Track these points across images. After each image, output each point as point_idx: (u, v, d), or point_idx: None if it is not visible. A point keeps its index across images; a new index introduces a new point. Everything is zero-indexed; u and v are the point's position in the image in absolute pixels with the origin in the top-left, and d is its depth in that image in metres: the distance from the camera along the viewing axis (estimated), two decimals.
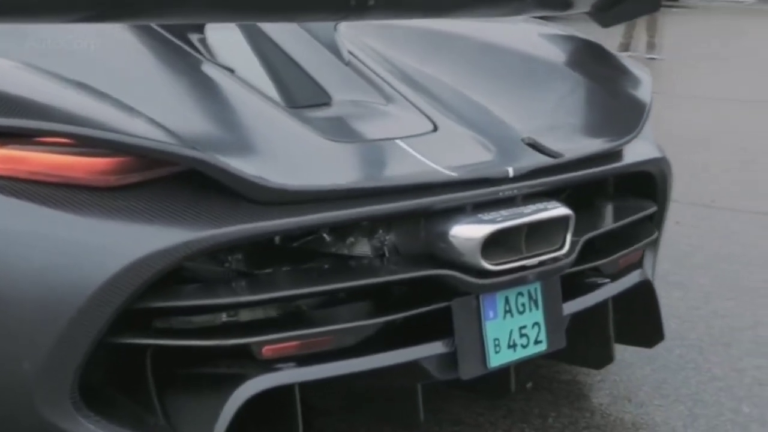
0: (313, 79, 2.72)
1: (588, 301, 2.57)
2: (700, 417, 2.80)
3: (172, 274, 2.04)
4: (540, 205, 2.34)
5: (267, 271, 2.18)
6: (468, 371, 2.29)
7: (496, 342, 2.33)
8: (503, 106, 2.76)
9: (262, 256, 2.23)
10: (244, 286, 2.10)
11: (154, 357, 2.12)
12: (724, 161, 6.11)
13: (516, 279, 2.30)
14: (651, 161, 2.76)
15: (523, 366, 2.90)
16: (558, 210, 2.34)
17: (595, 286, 2.61)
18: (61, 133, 1.99)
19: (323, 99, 2.68)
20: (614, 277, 2.68)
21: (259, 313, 2.15)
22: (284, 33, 2.82)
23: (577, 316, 2.57)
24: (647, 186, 2.83)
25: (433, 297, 2.26)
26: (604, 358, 2.76)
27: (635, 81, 2.88)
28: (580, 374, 3.02)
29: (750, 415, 2.82)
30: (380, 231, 2.32)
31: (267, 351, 2.08)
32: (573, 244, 2.39)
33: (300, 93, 2.65)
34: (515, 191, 2.32)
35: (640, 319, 2.83)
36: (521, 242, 2.30)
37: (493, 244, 2.23)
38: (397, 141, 2.47)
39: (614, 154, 2.64)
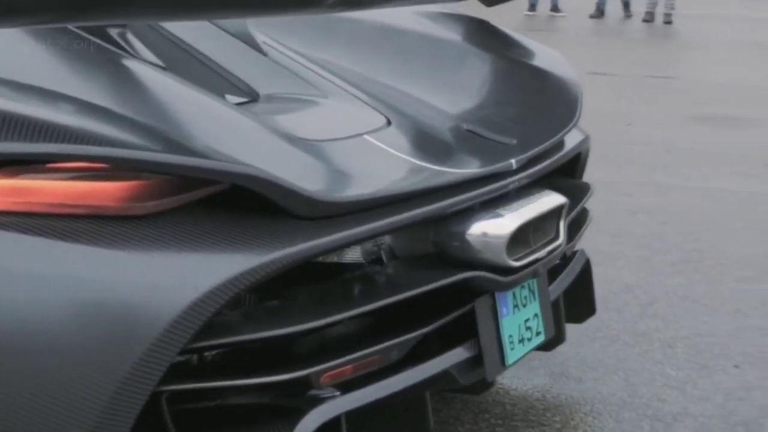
0: (234, 74, 2.51)
1: (563, 284, 2.57)
2: (638, 385, 2.89)
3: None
4: (540, 195, 2.30)
5: (288, 295, 1.99)
6: (492, 372, 2.22)
7: (511, 338, 2.27)
8: (431, 93, 2.69)
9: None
10: (291, 313, 1.90)
11: (171, 402, 1.88)
12: None
13: (530, 273, 2.25)
14: (585, 141, 2.79)
15: None
16: (557, 198, 2.32)
17: (561, 270, 2.61)
18: (92, 157, 1.70)
19: (251, 94, 2.48)
20: (569, 259, 2.69)
21: (301, 340, 1.96)
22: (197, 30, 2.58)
23: None
24: (574, 165, 2.86)
25: (451, 301, 2.16)
26: (556, 340, 2.77)
27: (557, 60, 2.89)
28: None
29: (678, 377, 2.95)
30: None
31: (325, 379, 1.90)
32: (564, 231, 2.37)
33: (226, 89, 2.43)
34: (518, 183, 2.26)
35: (577, 296, 2.87)
36: (529, 235, 2.25)
37: (511, 240, 2.17)
38: (366, 137, 2.33)
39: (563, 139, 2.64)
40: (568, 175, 2.85)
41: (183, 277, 1.71)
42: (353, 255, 2.21)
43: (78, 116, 1.76)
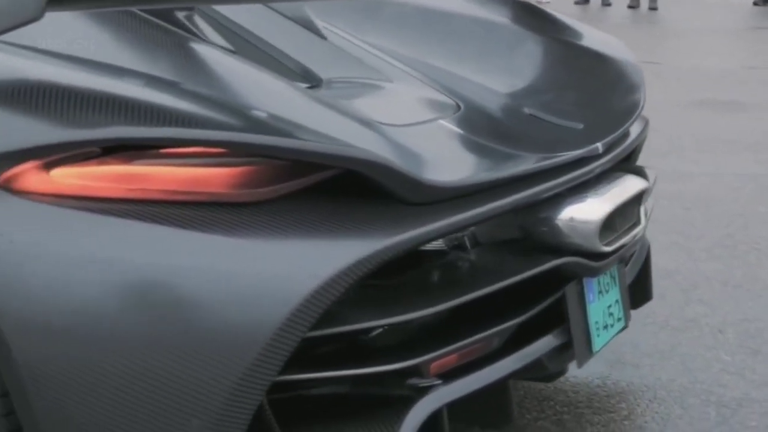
0: (294, 58, 2.45)
1: (635, 269, 2.55)
2: (696, 371, 2.88)
3: None
4: (623, 180, 2.27)
5: (390, 282, 1.94)
6: (581, 358, 2.20)
7: (597, 324, 2.24)
8: (489, 78, 2.65)
9: None
10: (402, 301, 1.86)
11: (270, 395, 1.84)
12: None
13: (617, 258, 2.22)
14: (647, 125, 2.76)
15: None
16: (640, 182, 2.29)
17: (632, 255, 2.59)
18: (212, 141, 1.65)
19: (315, 79, 2.43)
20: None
21: (408, 329, 1.92)
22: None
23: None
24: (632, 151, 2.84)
25: (546, 287, 2.14)
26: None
27: (614, 44, 2.87)
28: None
29: (734, 363, 2.94)
30: None
31: (434, 368, 1.86)
32: (644, 215, 2.35)
33: (291, 73, 2.38)
34: (603, 167, 2.23)
35: (638, 281, 2.85)
36: (616, 220, 2.22)
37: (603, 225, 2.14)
38: (441, 121, 2.29)
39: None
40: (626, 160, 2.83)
41: (302, 265, 1.66)
42: (436, 242, 2.18)
43: (189, 101, 1.71)
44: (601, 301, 2.28)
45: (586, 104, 2.62)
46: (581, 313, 2.20)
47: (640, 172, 2.72)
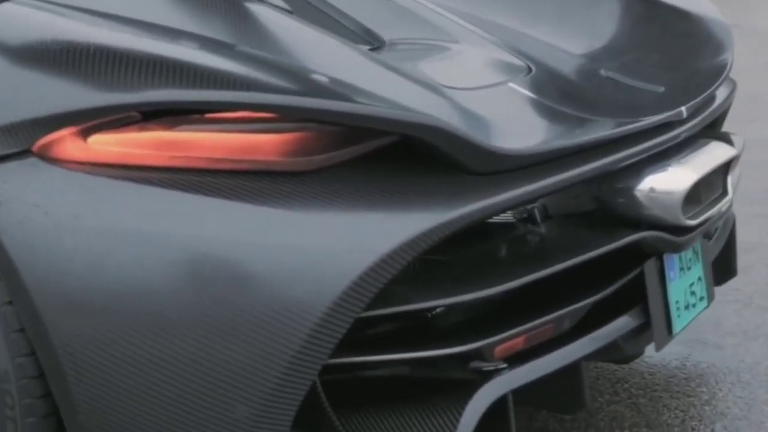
0: (354, 18, 2.31)
1: (720, 243, 2.37)
2: None
3: None
4: (710, 147, 2.10)
5: (457, 258, 1.81)
6: (660, 341, 2.03)
7: (677, 304, 2.08)
8: (562, 39, 2.48)
9: None
10: (465, 279, 1.72)
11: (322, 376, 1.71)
12: None
13: (702, 232, 2.05)
14: (735, 88, 2.57)
15: None
16: (729, 150, 2.12)
17: (717, 228, 2.41)
18: (262, 105, 1.52)
19: (376, 40, 2.28)
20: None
21: (470, 309, 1.78)
22: None
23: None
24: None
25: (623, 263, 1.98)
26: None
27: (700, 2, 2.67)
28: None
29: None
30: None
31: (499, 352, 1.72)
32: (731, 186, 2.18)
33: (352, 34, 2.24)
34: (688, 133, 2.06)
35: (722, 256, 2.67)
36: (700, 191, 2.05)
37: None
38: (510, 84, 2.13)
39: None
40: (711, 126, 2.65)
41: (357, 239, 1.53)
42: (504, 214, 2.03)
43: (237, 62, 1.59)
44: (683, 278, 2.11)
45: (669, 66, 2.43)
46: (661, 291, 2.03)
47: (726, 139, 2.55)
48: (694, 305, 2.15)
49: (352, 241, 1.53)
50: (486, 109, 1.95)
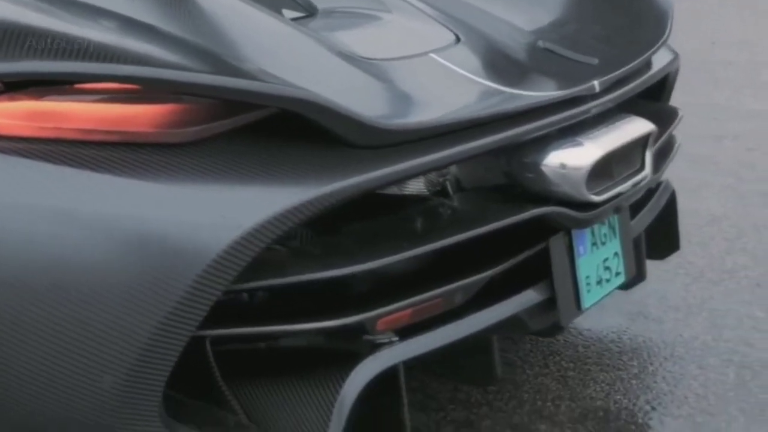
0: None
1: (646, 219, 2.36)
2: (723, 328, 2.67)
3: None
4: (624, 122, 2.07)
5: (346, 231, 1.81)
6: (566, 316, 2.03)
7: (588, 280, 2.07)
8: (509, 11, 2.46)
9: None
10: (342, 252, 1.72)
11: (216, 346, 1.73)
12: None
13: (612, 209, 2.04)
14: (674, 60, 2.54)
15: None
16: (644, 124, 2.09)
17: (645, 203, 2.39)
18: (123, 77, 1.52)
19: (307, 8, 2.27)
20: (651, 191, 2.47)
21: (356, 282, 1.78)
22: None
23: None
24: (661, 87, 2.62)
25: (524, 239, 1.97)
26: (637, 278, 2.57)
27: None
28: None
29: (767, 321, 2.74)
30: None
31: (381, 325, 1.73)
32: (650, 161, 2.15)
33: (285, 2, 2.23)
34: (601, 107, 2.04)
35: (660, 230, 2.65)
36: (612, 166, 2.03)
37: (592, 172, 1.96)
38: (432, 55, 2.11)
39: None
40: (653, 99, 2.62)
41: (225, 213, 1.53)
42: (415, 186, 2.03)
43: (109, 31, 1.59)
44: (596, 254, 2.10)
45: (607, 37, 2.41)
46: (569, 267, 2.02)
47: (666, 112, 2.53)
48: (608, 280, 2.14)
49: (219, 215, 1.53)
50: (399, 80, 1.94)
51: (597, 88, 2.02)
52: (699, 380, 2.43)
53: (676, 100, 2.66)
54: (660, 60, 2.45)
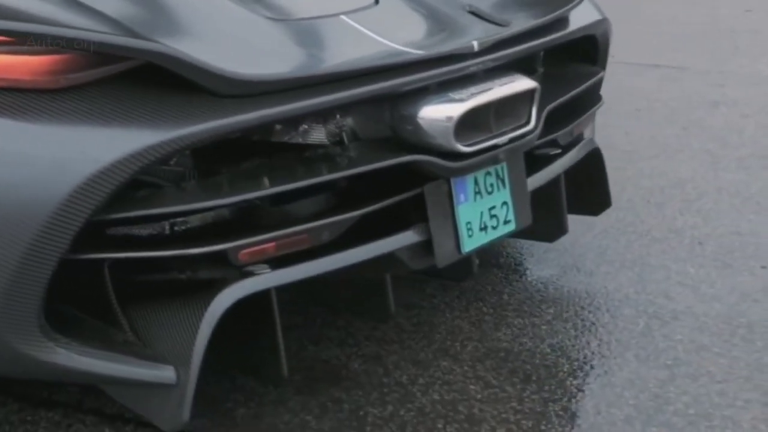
0: None
1: (549, 173, 2.51)
2: (649, 281, 2.81)
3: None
4: (506, 79, 2.23)
5: (227, 169, 2.02)
6: (443, 258, 2.21)
7: (469, 226, 2.24)
8: None
9: (216, 154, 2.07)
10: (209, 187, 1.94)
11: (113, 270, 1.97)
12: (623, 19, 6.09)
13: (488, 159, 2.20)
14: (596, 24, 2.67)
15: None
16: (525, 83, 2.24)
17: (553, 158, 2.54)
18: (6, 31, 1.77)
19: None
20: (567, 147, 2.62)
21: (229, 215, 2.00)
22: None
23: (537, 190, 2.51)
24: (590, 49, 2.75)
25: (404, 185, 2.15)
26: (557, 230, 2.72)
27: None
28: (525, 248, 2.99)
29: (697, 275, 2.84)
30: (337, 116, 2.17)
31: (244, 255, 1.94)
32: (537, 117, 2.31)
33: None
34: (481, 66, 2.20)
35: (588, 187, 2.80)
36: (490, 120, 2.19)
37: (464, 124, 2.12)
38: (342, 17, 2.29)
39: (563, 20, 2.54)
40: (586, 60, 2.75)
41: (85, 150, 1.76)
42: (317, 135, 2.22)
43: None
44: (480, 202, 2.26)
45: (534, 3, 2.57)
46: (448, 213, 2.20)
47: (584, 74, 2.67)
48: (494, 227, 2.30)
49: (80, 151, 1.76)
50: (293, 38, 2.14)
51: (476, 48, 2.18)
52: (608, 328, 2.57)
53: (691, 65, 2.76)
54: (579, 21, 2.59)
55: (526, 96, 2.25)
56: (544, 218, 2.67)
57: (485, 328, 2.59)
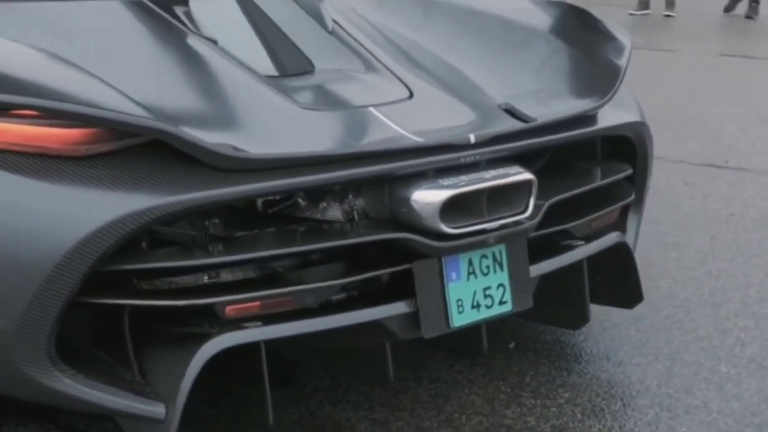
0: (297, 47, 2.81)
1: (556, 262, 2.64)
2: (676, 376, 2.86)
3: (143, 238, 2.19)
4: (502, 170, 2.41)
5: (238, 234, 2.29)
6: (430, 330, 2.38)
7: (459, 302, 2.41)
8: (482, 72, 2.84)
9: (238, 221, 2.35)
10: (212, 249, 2.22)
11: (133, 316, 2.25)
12: (741, 119, 6.08)
13: (476, 242, 2.38)
14: (626, 125, 2.81)
15: (507, 326, 3.02)
16: (519, 175, 2.42)
17: (565, 248, 2.68)
18: (33, 106, 2.11)
19: (306, 67, 2.77)
20: (588, 239, 2.75)
21: (226, 275, 2.26)
22: (269, 1, 2.92)
23: (552, 277, 2.65)
24: (626, 149, 2.89)
25: (396, 259, 2.36)
26: (579, 319, 2.84)
27: (614, 46, 2.93)
28: (564, 335, 3.10)
29: (727, 374, 2.88)
30: (350, 196, 2.41)
31: (230, 311, 2.19)
32: (537, 207, 2.47)
33: (282, 62, 2.75)
34: (477, 157, 2.40)
35: (618, 280, 2.90)
36: (482, 206, 2.37)
37: (453, 208, 2.31)
38: (371, 108, 2.55)
39: (586, 119, 2.70)
40: (620, 158, 2.89)
41: (91, 209, 2.07)
42: (333, 213, 2.46)
43: (39, 72, 2.19)
44: (472, 282, 2.43)
45: (555, 97, 2.75)
46: (437, 288, 2.38)
47: (613, 169, 2.81)
48: (489, 306, 2.46)
49: (87, 209, 2.07)
50: (315, 125, 2.42)
51: (472, 140, 2.39)
52: (615, 415, 2.65)
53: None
54: (607, 120, 2.75)
55: (522, 186, 2.42)
56: (567, 306, 2.81)
57: (496, 404, 2.72)
